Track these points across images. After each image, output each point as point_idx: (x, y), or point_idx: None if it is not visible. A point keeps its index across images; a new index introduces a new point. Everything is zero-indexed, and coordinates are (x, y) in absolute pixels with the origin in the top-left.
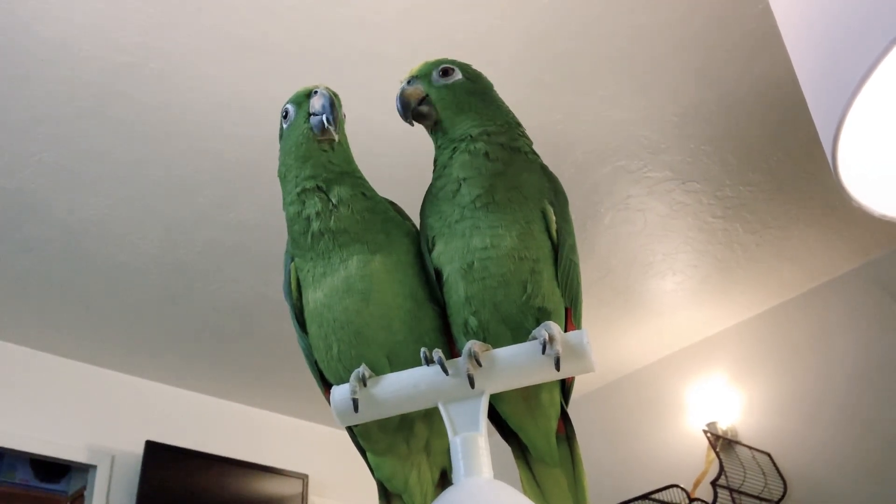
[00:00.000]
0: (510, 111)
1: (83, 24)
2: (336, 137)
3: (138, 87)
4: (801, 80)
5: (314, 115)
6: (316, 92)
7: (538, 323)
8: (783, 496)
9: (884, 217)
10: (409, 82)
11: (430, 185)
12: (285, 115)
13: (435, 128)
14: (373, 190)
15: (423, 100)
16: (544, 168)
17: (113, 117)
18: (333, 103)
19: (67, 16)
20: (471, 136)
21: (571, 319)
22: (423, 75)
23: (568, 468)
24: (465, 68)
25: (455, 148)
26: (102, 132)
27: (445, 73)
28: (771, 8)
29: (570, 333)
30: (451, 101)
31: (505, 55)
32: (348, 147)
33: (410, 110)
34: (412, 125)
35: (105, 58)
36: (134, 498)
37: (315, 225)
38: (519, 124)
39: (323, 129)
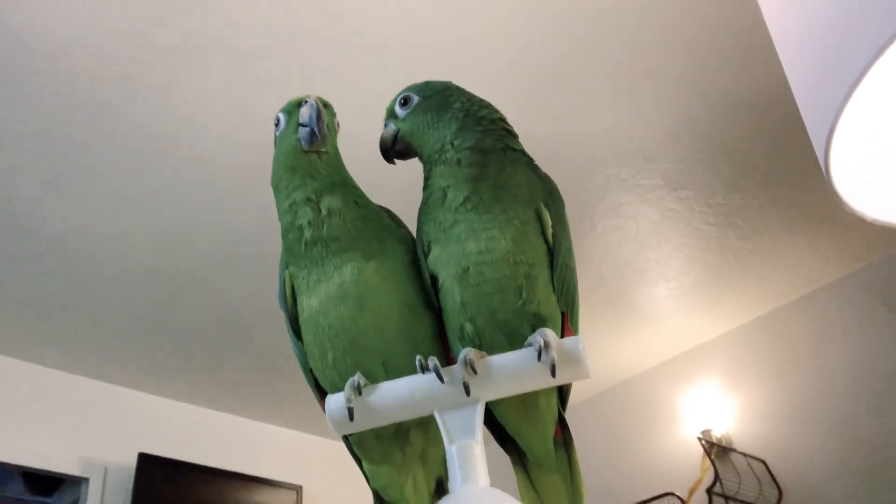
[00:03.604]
0: (468, 107)
1: (76, 37)
2: (324, 148)
3: (131, 98)
4: (792, 86)
5: (303, 125)
6: (306, 102)
7: (534, 329)
8: (778, 503)
9: (876, 222)
10: (385, 125)
11: (422, 199)
12: (277, 124)
13: (418, 155)
14: (366, 198)
15: (397, 136)
16: (535, 168)
17: (105, 129)
18: (321, 114)
19: (60, 28)
20: (437, 151)
21: (568, 324)
22: (389, 112)
23: (565, 473)
24: (422, 89)
25: (432, 163)
26: (95, 143)
27: (405, 102)
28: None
29: (566, 340)
30: (415, 128)
31: (497, 64)
32: (339, 156)
33: (387, 153)
34: (395, 164)
35: (98, 69)
36: None
37: (308, 234)
38: (479, 119)
39: (311, 141)
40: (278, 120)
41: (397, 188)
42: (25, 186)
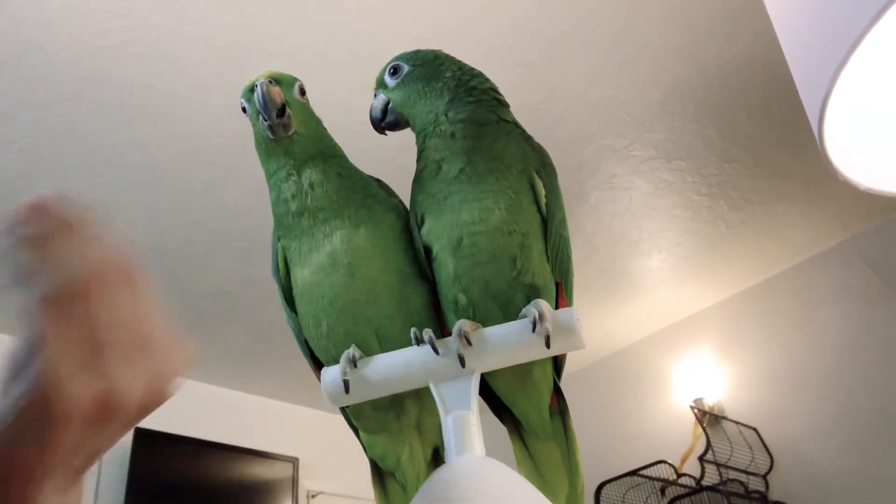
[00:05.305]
0: (459, 76)
1: (62, 8)
2: (289, 133)
3: (119, 70)
4: (786, 53)
5: (262, 116)
6: (256, 87)
7: (528, 299)
8: (770, 470)
9: (869, 190)
10: (375, 95)
11: (416, 171)
12: (245, 110)
13: (409, 125)
14: (351, 167)
15: (388, 107)
16: (528, 138)
17: (94, 101)
18: (268, 102)
19: None
20: (430, 123)
21: (563, 295)
22: (379, 82)
23: (561, 441)
24: (412, 58)
25: (426, 135)
26: (83, 116)
27: (395, 71)
28: None
29: (560, 311)
30: (406, 98)
31: (489, 35)
32: (317, 126)
33: (378, 123)
34: (386, 135)
35: (85, 41)
36: (124, 486)
37: (293, 206)
38: (471, 89)
39: (273, 132)
40: (243, 107)
41: (389, 164)
42: (13, 160)
